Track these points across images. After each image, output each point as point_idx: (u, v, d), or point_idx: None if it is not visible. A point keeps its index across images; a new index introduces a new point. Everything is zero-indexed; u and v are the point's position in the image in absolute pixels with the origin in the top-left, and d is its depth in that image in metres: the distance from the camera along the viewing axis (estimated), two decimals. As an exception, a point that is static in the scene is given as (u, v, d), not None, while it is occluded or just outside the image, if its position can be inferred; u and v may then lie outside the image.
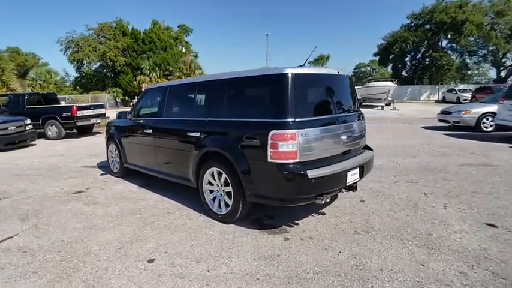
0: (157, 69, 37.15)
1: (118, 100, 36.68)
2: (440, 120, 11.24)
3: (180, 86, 4.53)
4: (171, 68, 37.94)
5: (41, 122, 11.07)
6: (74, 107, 11.19)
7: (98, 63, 36.34)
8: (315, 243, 3.05)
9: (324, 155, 3.19)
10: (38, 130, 10.75)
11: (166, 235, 3.32)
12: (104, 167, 6.38)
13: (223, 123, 3.54)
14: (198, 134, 3.73)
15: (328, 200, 3.19)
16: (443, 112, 11.27)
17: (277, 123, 2.98)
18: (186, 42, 45.86)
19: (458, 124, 10.43)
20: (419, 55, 37.37)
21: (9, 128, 9.06)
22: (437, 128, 11.14)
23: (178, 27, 44.24)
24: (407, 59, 38.68)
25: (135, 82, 36.78)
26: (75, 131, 12.34)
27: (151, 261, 2.81)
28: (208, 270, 2.63)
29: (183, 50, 39.05)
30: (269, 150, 2.98)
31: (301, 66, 3.55)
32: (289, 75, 3.04)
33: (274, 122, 3.01)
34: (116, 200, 4.49)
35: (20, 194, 4.92)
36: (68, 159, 7.66)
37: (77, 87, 37.52)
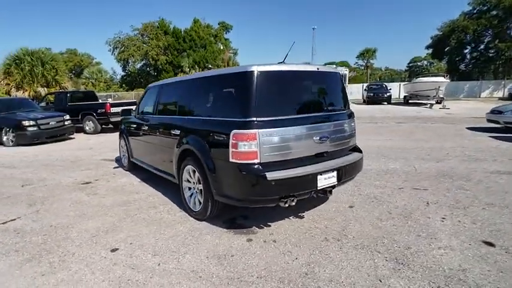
0: (196, 66, 38.67)
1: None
2: (490, 121, 10.08)
3: (168, 85, 4.73)
4: (209, 66, 39.20)
5: (80, 117, 12.27)
6: (108, 104, 12.20)
7: (142, 62, 38.88)
8: (275, 247, 3.01)
9: (290, 156, 3.11)
10: (78, 125, 11.98)
11: (140, 227, 3.53)
12: (119, 160, 6.90)
13: (196, 121, 3.64)
14: (178, 132, 3.88)
15: (293, 204, 3.11)
16: (493, 111, 10.08)
17: (239, 123, 2.99)
18: (226, 39, 46.89)
19: (511, 126, 9.29)
20: (482, 46, 33.61)
21: (51, 123, 10.20)
22: (485, 129, 10.03)
23: (218, 24, 45.36)
24: (466, 51, 35.01)
25: (176, 80, 38.70)
26: (111, 126, 13.42)
27: (114, 250, 3.03)
28: (159, 264, 2.76)
29: (221, 48, 40.00)
30: (230, 149, 3.01)
31: (281, 63, 3.50)
32: (254, 73, 3.02)
33: (235, 121, 3.03)
34: (114, 192, 4.86)
35: (39, 182, 5.57)
36: (94, 152, 8.41)
37: (123, 85, 40.57)
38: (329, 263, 2.71)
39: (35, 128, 9.61)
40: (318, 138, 3.26)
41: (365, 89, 26.15)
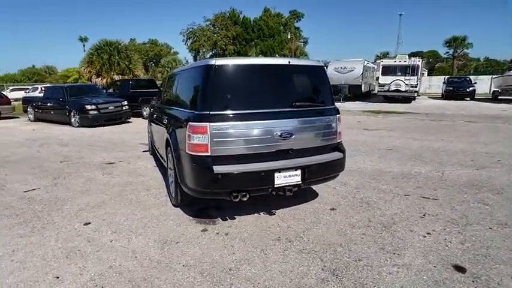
0: (262, 56, 39.23)
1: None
2: None
3: (172, 75, 5.03)
4: (277, 55, 39.33)
5: (138, 103, 13.72)
6: (162, 92, 13.37)
7: (211, 52, 41.00)
8: (222, 240, 3.07)
9: (245, 151, 3.10)
10: (137, 110, 13.43)
11: (122, 207, 3.93)
12: (149, 145, 7.62)
13: (174, 112, 3.85)
14: (166, 122, 4.16)
15: (244, 199, 3.11)
16: None
17: (194, 115, 3.11)
18: (296, 28, 46.27)
19: None
20: None
21: (109, 108, 11.69)
22: None
23: (289, 12, 44.93)
24: None
25: (242, 69, 39.94)
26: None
27: (86, 224, 3.48)
28: (111, 241, 3.09)
29: (289, 37, 39.61)
30: (186, 141, 3.14)
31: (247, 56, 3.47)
32: (212, 67, 3.07)
33: (192, 114, 3.15)
34: (126, 174, 5.44)
35: (76, 160, 6.53)
36: (137, 136, 9.39)
37: (193, 74, 43.50)
38: (261, 263, 2.68)
39: (96, 112, 11.15)
40: (279, 134, 3.16)
41: (444, 82, 23.21)
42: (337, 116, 3.60)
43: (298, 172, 3.24)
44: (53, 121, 12.47)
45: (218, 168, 2.99)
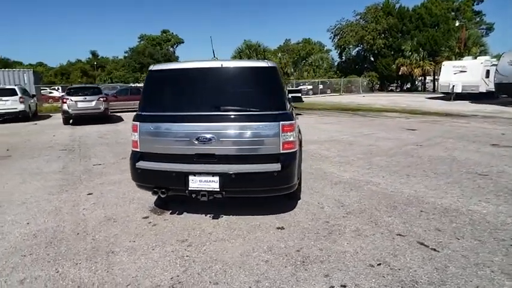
0: (421, 50, 34.41)
1: (374, 84, 38.07)
2: None
3: None
4: (441, 48, 33.66)
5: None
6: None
7: (357, 48, 39.18)
8: (141, 227, 3.49)
9: (167, 151, 3.39)
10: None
11: (123, 185, 4.92)
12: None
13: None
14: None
15: (162, 196, 3.42)
16: None
17: (135, 115, 3.64)
18: (476, 12, 37.81)
19: None
20: None
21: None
22: None
23: (465, -6, 37.26)
24: None
25: (393, 66, 36.43)
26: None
27: (90, 194, 4.64)
28: (73, 205, 4.14)
29: (457, 24, 32.86)
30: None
31: (214, 58, 3.67)
32: (151, 72, 3.53)
33: (136, 114, 3.69)
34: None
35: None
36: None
37: (337, 72, 42.73)
38: (136, 252, 2.98)
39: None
40: (197, 138, 3.27)
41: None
42: (280, 123, 3.29)
43: (216, 179, 3.26)
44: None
45: (140, 164, 3.45)
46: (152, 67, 3.59)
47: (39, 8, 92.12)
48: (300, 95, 15.36)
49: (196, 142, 3.29)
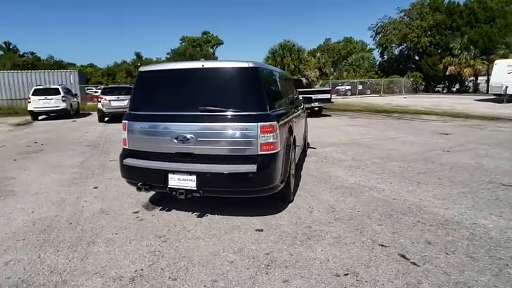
0: (471, 47, 31.89)
1: (418, 85, 36.00)
2: None
3: None
4: (497, 45, 30.94)
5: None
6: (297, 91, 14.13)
7: (400, 47, 37.23)
8: (127, 221, 3.66)
9: (150, 149, 3.54)
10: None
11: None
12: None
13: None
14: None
15: (146, 193, 3.55)
16: None
17: (125, 114, 3.82)
18: (540, 5, 34.11)
19: None
20: None
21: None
22: None
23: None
24: None
25: (440, 65, 34.20)
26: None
27: (95, 187, 4.95)
28: (77, 197, 4.41)
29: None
30: (123, 135, 3.92)
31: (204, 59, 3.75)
32: (140, 73, 3.69)
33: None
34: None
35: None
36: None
37: (378, 72, 40.93)
38: (114, 245, 3.14)
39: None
40: (177, 137, 3.37)
41: None
42: (258, 124, 3.27)
43: (194, 178, 3.33)
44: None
45: (127, 161, 3.62)
46: (141, 68, 3.76)
47: (90, 8, 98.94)
48: (328, 96, 15.00)
49: (176, 141, 3.39)
